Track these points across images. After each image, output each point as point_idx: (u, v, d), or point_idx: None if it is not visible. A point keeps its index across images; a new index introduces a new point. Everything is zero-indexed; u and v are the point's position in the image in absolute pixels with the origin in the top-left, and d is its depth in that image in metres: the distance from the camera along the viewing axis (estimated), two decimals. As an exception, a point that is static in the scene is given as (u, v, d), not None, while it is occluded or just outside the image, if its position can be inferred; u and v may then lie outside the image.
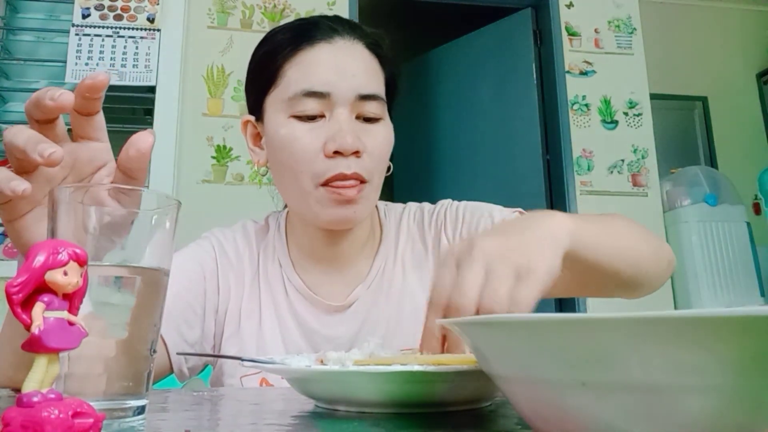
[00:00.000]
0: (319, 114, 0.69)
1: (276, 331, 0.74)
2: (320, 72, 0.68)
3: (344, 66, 0.69)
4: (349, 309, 0.75)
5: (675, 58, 3.37)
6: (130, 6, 2.34)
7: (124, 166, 0.45)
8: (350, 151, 0.67)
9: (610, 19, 2.90)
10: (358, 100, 0.69)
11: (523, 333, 0.25)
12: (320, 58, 0.69)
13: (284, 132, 0.69)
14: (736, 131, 3.42)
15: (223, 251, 0.77)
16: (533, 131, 2.83)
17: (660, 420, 0.22)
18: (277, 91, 0.70)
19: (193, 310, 0.71)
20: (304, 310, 0.75)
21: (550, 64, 2.82)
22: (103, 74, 0.43)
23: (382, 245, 0.79)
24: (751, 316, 0.19)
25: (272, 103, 0.71)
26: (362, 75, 0.70)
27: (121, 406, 0.35)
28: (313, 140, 0.68)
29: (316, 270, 0.77)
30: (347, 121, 0.68)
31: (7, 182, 0.40)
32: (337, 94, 0.68)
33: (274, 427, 0.35)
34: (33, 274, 0.26)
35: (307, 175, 0.68)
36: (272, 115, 0.71)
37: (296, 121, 0.69)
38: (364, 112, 0.70)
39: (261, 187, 2.35)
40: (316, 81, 0.68)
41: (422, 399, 0.39)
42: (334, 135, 0.67)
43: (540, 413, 0.27)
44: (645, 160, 2.76)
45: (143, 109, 2.40)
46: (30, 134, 0.41)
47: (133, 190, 0.39)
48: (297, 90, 0.68)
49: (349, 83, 0.68)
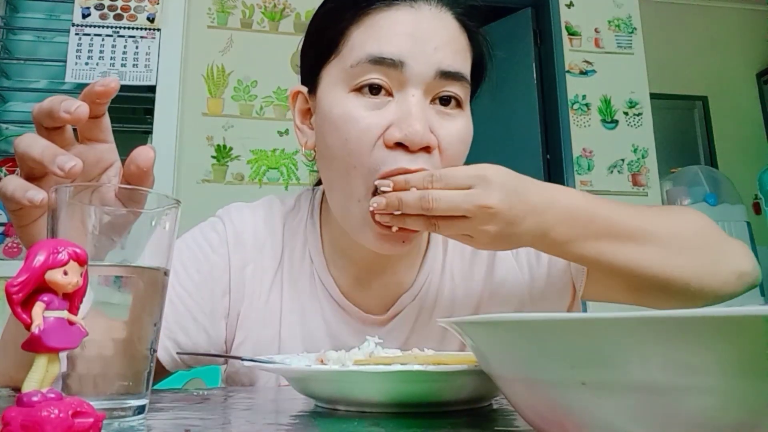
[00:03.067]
0: (386, 89, 0.55)
1: (297, 341, 0.64)
2: (394, 37, 0.55)
3: (425, 35, 0.56)
4: (391, 323, 0.65)
5: (675, 58, 3.37)
6: (130, 5, 2.33)
7: (128, 180, 0.45)
8: (419, 145, 0.53)
9: (610, 18, 2.90)
10: (438, 78, 0.55)
11: (523, 333, 0.25)
12: (397, 21, 0.56)
13: (339, 111, 0.56)
14: (736, 131, 3.43)
15: (238, 242, 0.66)
16: (533, 131, 2.83)
17: (660, 420, 0.22)
18: (339, 57, 0.57)
19: (192, 317, 0.63)
20: (337, 321, 0.64)
21: (550, 64, 2.82)
22: (114, 81, 0.43)
23: (429, 249, 0.68)
24: (751, 316, 0.19)
25: (331, 72, 0.58)
26: (447, 48, 0.56)
27: (121, 406, 0.35)
28: (372, 124, 0.54)
29: (353, 273, 0.65)
30: (419, 106, 0.54)
31: (24, 192, 0.41)
32: (412, 67, 0.54)
33: (274, 426, 0.35)
34: (33, 273, 0.26)
35: (360, 172, 0.55)
36: (328, 87, 0.58)
37: (356, 97, 0.55)
38: (443, 92, 0.56)
39: (261, 186, 2.35)
40: (388, 46, 0.55)
41: (422, 399, 0.39)
42: (399, 120, 0.54)
43: (540, 413, 0.27)
44: (645, 160, 2.76)
45: (143, 109, 2.40)
46: (45, 144, 0.41)
47: (135, 190, 0.39)
48: (362, 55, 0.55)
49: (430, 56, 0.55)
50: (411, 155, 0.54)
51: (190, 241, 0.66)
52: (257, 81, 2.43)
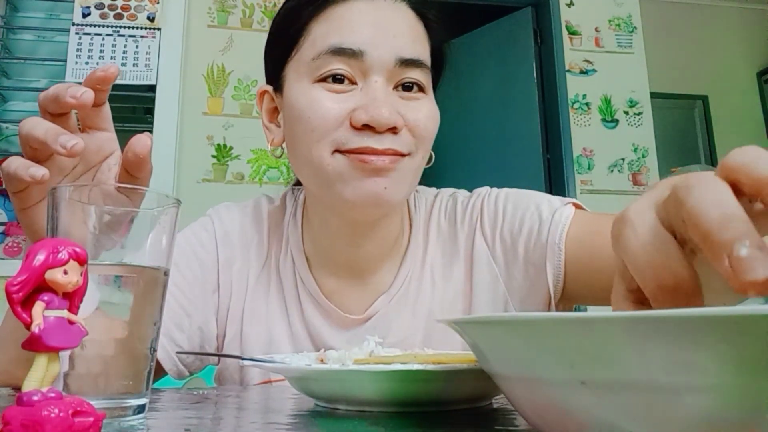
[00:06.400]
0: (350, 78, 0.56)
1: (283, 338, 0.65)
2: (353, 27, 0.57)
3: (384, 24, 0.57)
4: (369, 322, 0.65)
5: (675, 57, 3.37)
6: (130, 5, 2.33)
7: (126, 167, 0.46)
8: (385, 126, 0.54)
9: (610, 17, 2.90)
10: (399, 65, 0.57)
11: (523, 332, 0.25)
12: (355, 13, 0.58)
13: (305, 100, 0.57)
14: (736, 130, 3.42)
15: (226, 240, 0.67)
16: (533, 130, 2.82)
17: (660, 420, 0.22)
18: (300, 53, 0.59)
19: (186, 314, 0.64)
20: (318, 322, 0.65)
21: (550, 63, 2.82)
22: (113, 66, 0.45)
23: (410, 248, 0.68)
24: (751, 315, 0.19)
25: (294, 68, 0.60)
26: (405, 37, 0.58)
27: (121, 405, 0.35)
28: (337, 106, 0.55)
29: (332, 273, 0.66)
30: (383, 90, 0.56)
31: (26, 169, 0.42)
32: (373, 56, 0.56)
33: (274, 425, 0.35)
34: (33, 272, 0.26)
35: (325, 142, 0.55)
36: (293, 82, 0.59)
37: (320, 87, 0.56)
38: (404, 79, 0.58)
39: (262, 185, 2.35)
40: (348, 37, 0.56)
41: (422, 398, 0.39)
42: (365, 104, 0.55)
43: (540, 413, 0.27)
44: (645, 159, 2.76)
45: (143, 108, 2.40)
46: (49, 126, 0.43)
47: (134, 189, 0.39)
48: (324, 47, 0.56)
49: (389, 44, 0.56)
50: (378, 135, 0.55)
51: (182, 240, 0.67)
52: (257, 80, 2.43)
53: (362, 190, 0.56)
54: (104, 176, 0.48)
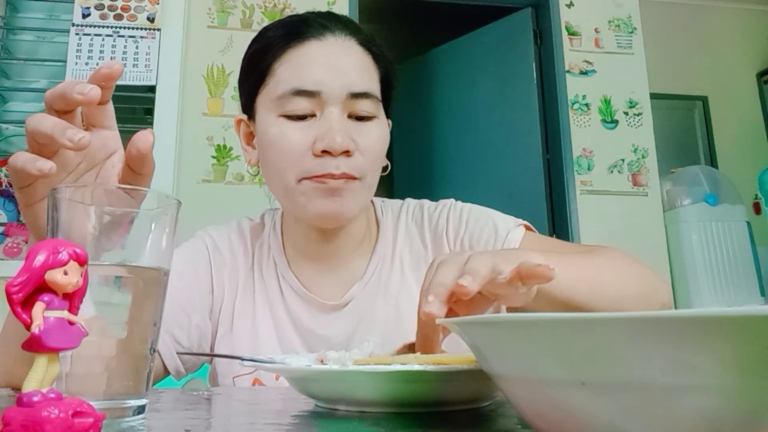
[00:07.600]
0: (310, 113, 0.67)
1: (271, 331, 0.73)
2: (310, 70, 0.67)
3: (335, 63, 0.67)
4: (345, 308, 0.74)
5: (675, 58, 3.37)
6: (130, 5, 2.33)
7: (129, 164, 0.47)
8: (339, 151, 0.65)
9: (610, 18, 2.90)
10: (350, 98, 0.67)
11: (523, 332, 0.25)
12: (310, 55, 0.68)
13: (273, 131, 0.67)
14: (736, 131, 3.42)
15: (216, 250, 0.76)
16: (533, 131, 2.82)
17: (660, 420, 0.22)
18: (267, 89, 0.69)
19: (185, 313, 0.71)
20: (300, 309, 0.74)
21: (550, 64, 2.82)
22: (117, 63, 0.45)
23: (378, 243, 0.77)
24: (751, 315, 0.19)
25: (263, 102, 0.70)
26: (354, 72, 0.68)
27: (121, 406, 0.35)
28: (301, 139, 0.66)
29: (311, 268, 0.76)
30: (338, 120, 0.66)
31: (33, 162, 0.42)
32: (327, 93, 0.66)
33: (274, 426, 0.35)
34: (33, 273, 0.26)
35: (293, 171, 0.67)
36: (263, 114, 0.70)
37: (286, 120, 0.67)
38: (356, 110, 0.68)
39: (261, 186, 2.35)
40: (306, 79, 0.66)
41: (422, 398, 0.39)
42: (323, 134, 0.65)
43: (540, 413, 0.27)
44: (645, 160, 2.76)
45: (143, 109, 2.40)
46: (55, 121, 0.43)
47: (135, 190, 0.39)
48: (286, 89, 0.67)
49: (340, 81, 0.66)
50: (335, 159, 0.65)
51: (179, 251, 0.74)
52: (257, 81, 2.43)
53: (323, 207, 0.67)
54: (107, 174, 0.48)
